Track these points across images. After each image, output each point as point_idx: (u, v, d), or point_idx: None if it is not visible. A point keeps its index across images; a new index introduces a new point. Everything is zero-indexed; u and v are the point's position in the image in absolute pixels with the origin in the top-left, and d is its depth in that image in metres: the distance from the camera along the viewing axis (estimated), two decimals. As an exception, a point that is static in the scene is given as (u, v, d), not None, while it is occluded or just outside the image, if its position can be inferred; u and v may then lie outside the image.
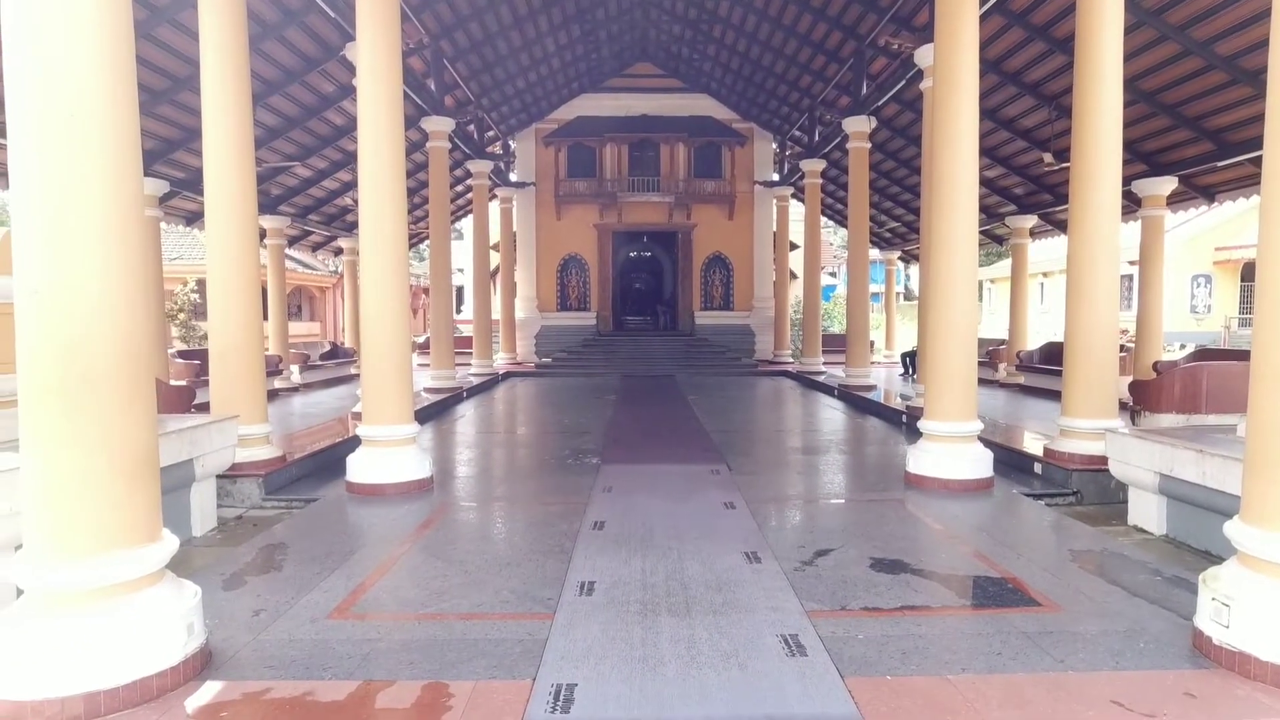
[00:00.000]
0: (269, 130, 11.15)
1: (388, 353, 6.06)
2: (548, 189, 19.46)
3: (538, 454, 7.92)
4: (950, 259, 6.13)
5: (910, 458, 6.38)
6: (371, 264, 6.02)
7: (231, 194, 6.01)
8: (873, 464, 7.41)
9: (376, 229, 5.99)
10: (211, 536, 5.07)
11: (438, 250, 12.65)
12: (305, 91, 10.84)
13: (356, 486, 5.96)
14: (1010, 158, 12.65)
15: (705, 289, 20.21)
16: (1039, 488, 6.20)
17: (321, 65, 9.89)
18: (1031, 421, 9.38)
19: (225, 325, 6.03)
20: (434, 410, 11.06)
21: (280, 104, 10.74)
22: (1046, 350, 12.89)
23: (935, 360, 6.28)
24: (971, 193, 6.10)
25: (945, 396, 6.19)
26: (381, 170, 5.97)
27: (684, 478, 6.51)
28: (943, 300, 6.19)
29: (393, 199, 6.03)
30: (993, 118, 11.40)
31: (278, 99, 10.56)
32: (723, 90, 19.13)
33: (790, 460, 7.48)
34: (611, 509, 5.46)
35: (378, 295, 6.02)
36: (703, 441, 8.36)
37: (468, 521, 5.20)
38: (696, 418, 10.27)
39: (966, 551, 4.47)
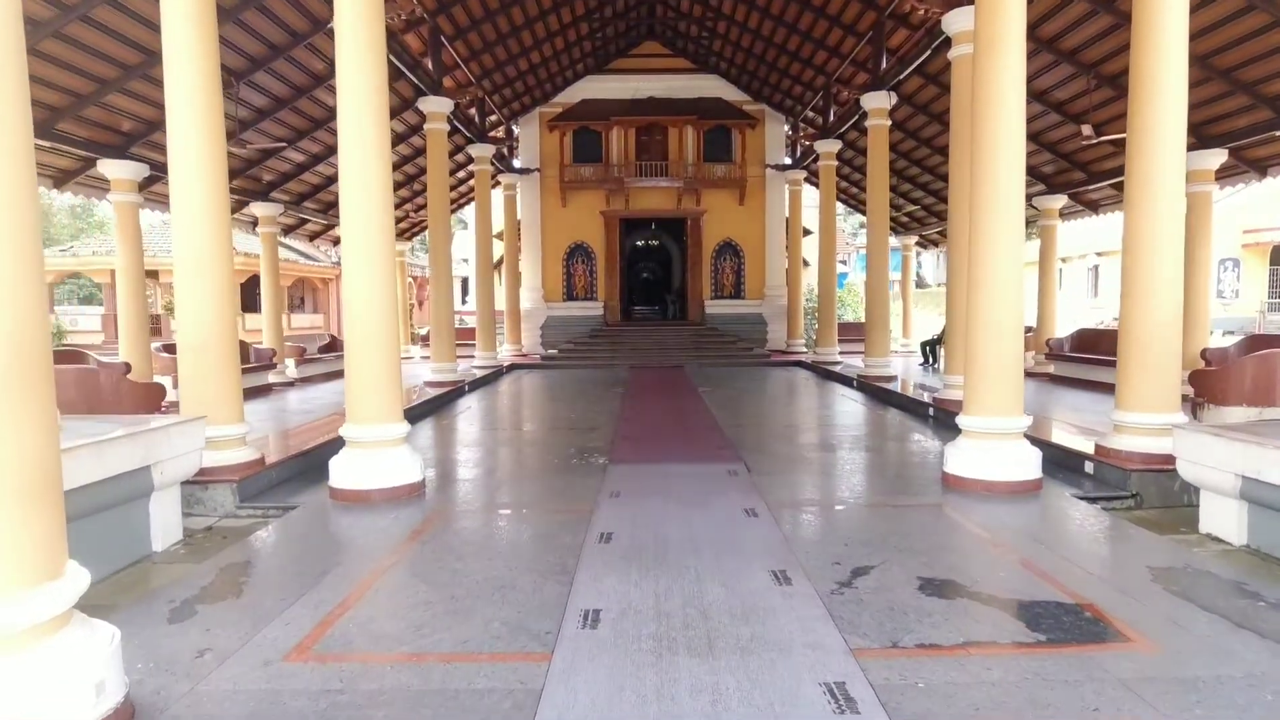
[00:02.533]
0: (257, 111, 10.59)
1: (373, 345, 5.52)
2: (553, 175, 18.87)
3: (540, 453, 7.38)
4: (994, 240, 5.52)
5: (948, 457, 5.80)
6: (354, 246, 5.47)
7: (200, 173, 5.45)
8: (903, 462, 6.83)
9: (358, 205, 5.44)
10: (174, 551, 4.55)
11: (437, 238, 12.10)
12: (294, 69, 10.28)
13: (340, 493, 5.43)
14: (1040, 133, 11.93)
15: (715, 277, 19.59)
16: (1091, 489, 5.60)
17: (308, 40, 9.33)
18: (1069, 413, 8.76)
19: (195, 317, 5.49)
20: (434, 405, 10.54)
21: (268, 82, 10.17)
22: (1078, 337, 12.24)
23: (976, 350, 5.68)
24: (1018, 164, 5.49)
25: (988, 390, 5.59)
26: (362, 140, 5.42)
27: (699, 479, 5.95)
28: (985, 285, 5.58)
29: (377, 173, 5.47)
30: (1022, 90, 10.69)
31: (265, 77, 9.99)
32: (733, 70, 18.45)
33: (813, 458, 6.91)
34: (620, 517, 4.91)
35: (361, 280, 5.47)
36: (717, 438, 7.80)
37: (460, 533, 4.66)
38: (709, 411, 9.71)
39: (1026, 568, 3.90)
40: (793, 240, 19.16)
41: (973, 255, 5.68)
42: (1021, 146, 5.48)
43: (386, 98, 5.62)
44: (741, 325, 19.08)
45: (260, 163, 11.78)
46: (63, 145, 8.86)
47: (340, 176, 5.49)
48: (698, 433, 8.15)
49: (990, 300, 5.54)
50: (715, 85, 18.97)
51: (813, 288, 24.70)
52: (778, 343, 19.21)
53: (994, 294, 5.52)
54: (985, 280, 5.57)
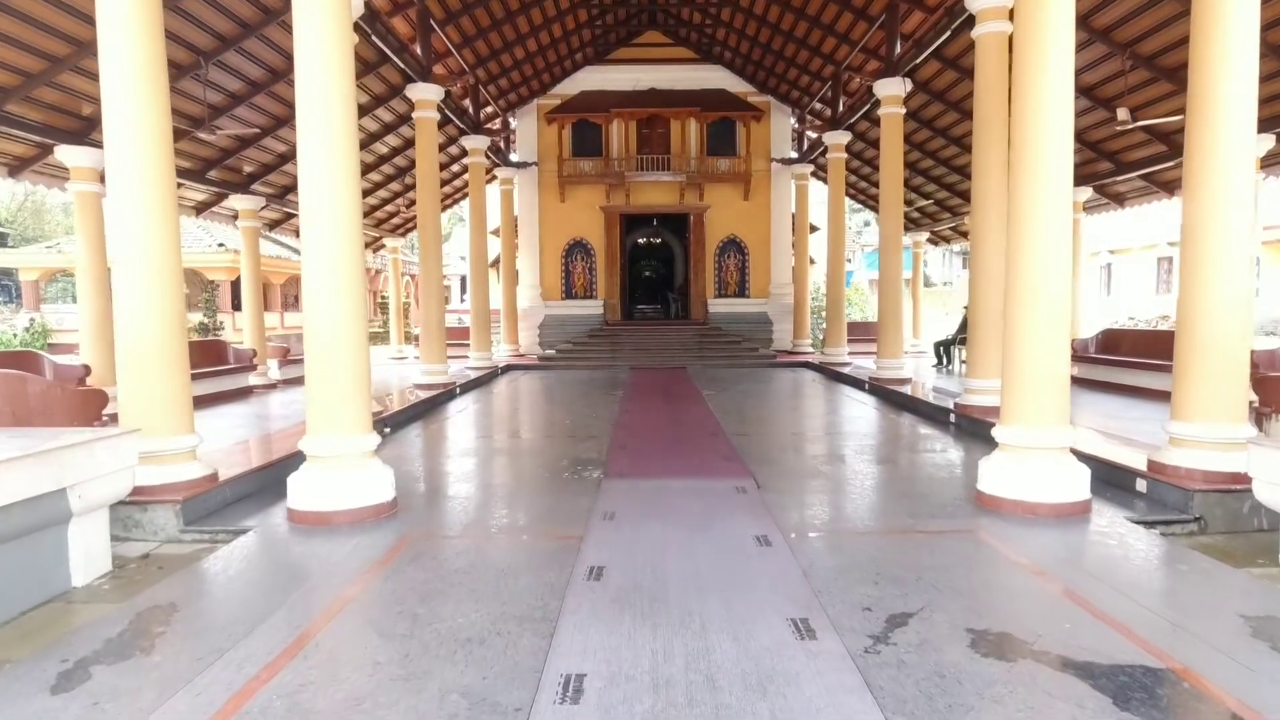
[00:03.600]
0: (231, 96, 9.94)
1: (337, 346, 4.90)
2: (551, 169, 18.24)
3: (529, 464, 6.75)
4: (1037, 231, 4.87)
5: (982, 473, 5.17)
6: (315, 234, 4.85)
7: (143, 154, 4.84)
8: (927, 477, 6.20)
9: (319, 189, 4.83)
10: (97, 587, 3.94)
11: (426, 233, 11.48)
12: (269, 50, 9.62)
13: (298, 515, 4.81)
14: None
15: (719, 275, 18.95)
16: (1146, 511, 4.96)
17: (282, 17, 8.68)
18: (1101, 421, 8.11)
19: (136, 317, 4.88)
20: (421, 409, 9.93)
21: (240, 64, 9.47)
22: (1105, 338, 11.58)
23: (1017, 354, 5.04)
24: (1066, 145, 4.84)
25: (1030, 399, 4.95)
26: (324, 110, 4.80)
27: (703, 497, 5.33)
28: (1026, 281, 4.94)
29: (341, 152, 4.85)
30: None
31: (237, 58, 9.31)
32: (737, 60, 17.81)
33: (828, 472, 6.28)
34: (614, 545, 4.29)
35: (323, 274, 4.86)
36: (722, 447, 7.17)
37: (428, 566, 4.04)
38: (713, 417, 9.08)
39: (1095, 615, 3.27)
40: (799, 237, 18.52)
41: (1013, 248, 5.04)
42: (1070, 124, 4.84)
43: (351, 66, 5.01)
44: (746, 325, 18.44)
45: (238, 152, 11.16)
46: (14, 130, 8.23)
47: (299, 155, 4.87)
48: (701, 442, 7.53)
49: (1033, 298, 4.90)
50: (719, 76, 18.34)
51: (818, 286, 24.08)
52: (783, 343, 18.57)
53: (1038, 291, 4.88)
54: (1027, 276, 4.93)
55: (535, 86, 17.73)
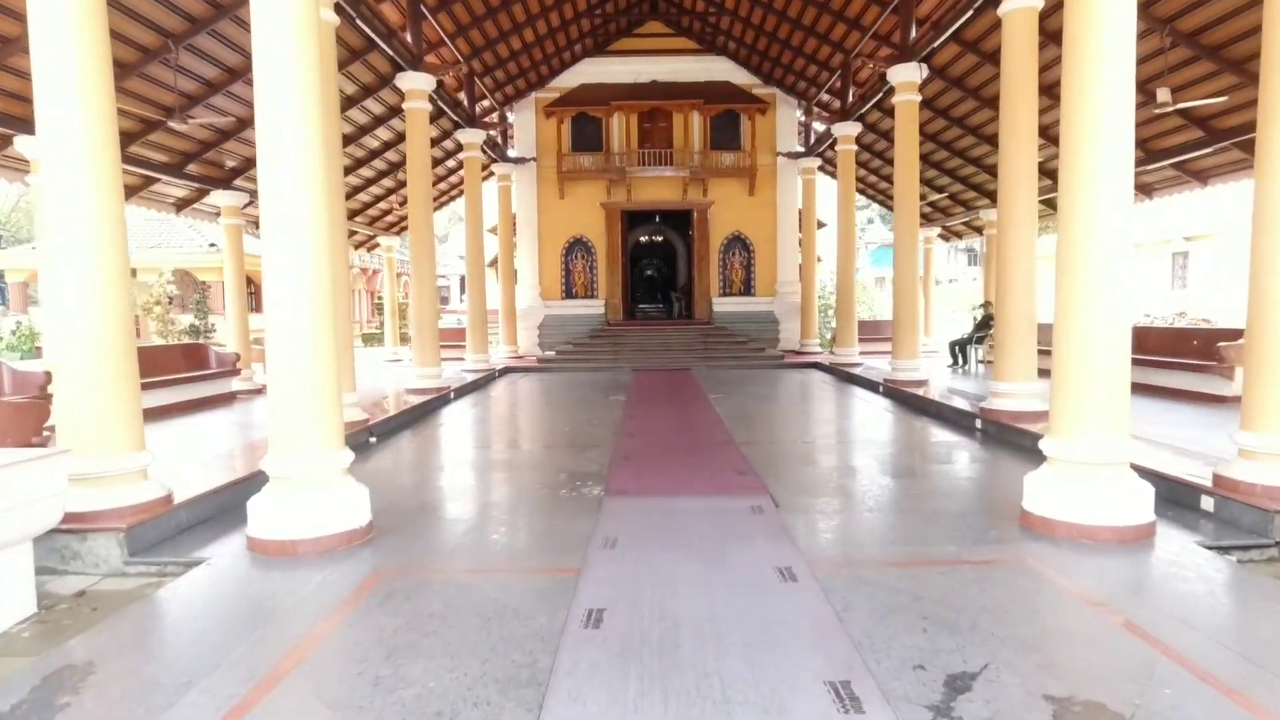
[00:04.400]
0: (206, 84, 9.35)
1: (303, 352, 4.34)
2: (550, 165, 17.68)
3: (525, 479, 6.19)
4: (1094, 221, 4.30)
5: (1029, 491, 4.61)
6: (275, 218, 4.31)
7: (77, 130, 4.29)
8: (961, 492, 5.62)
9: (281, 166, 4.28)
10: (17, 634, 3.39)
11: (418, 229, 10.92)
12: (244, 34, 9.01)
13: (259, 544, 4.26)
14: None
15: (724, 273, 18.38)
16: (1215, 534, 4.40)
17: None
18: (1138, 427, 7.51)
19: (73, 319, 4.33)
20: (411, 417, 9.37)
21: (214, 49, 8.86)
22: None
23: (1069, 356, 4.47)
24: (1127, 116, 4.27)
25: (1086, 408, 4.38)
26: (284, 73, 4.24)
27: (715, 519, 4.77)
28: (1082, 277, 4.37)
29: (308, 130, 4.30)
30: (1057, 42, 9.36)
31: (211, 43, 8.69)
32: (742, 51, 17.23)
33: (850, 488, 5.71)
34: (616, 581, 3.73)
35: (285, 268, 4.31)
36: (733, 459, 6.61)
37: (400, 609, 3.48)
38: (722, 423, 8.51)
39: (1199, 678, 2.70)
40: (806, 233, 17.91)
41: (1066, 240, 4.46)
42: (1133, 98, 4.27)
43: (315, 23, 4.43)
44: (752, 324, 17.87)
45: (218, 145, 10.60)
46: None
47: (257, 133, 4.32)
48: (710, 452, 6.96)
49: (1091, 295, 4.33)
50: (723, 67, 17.76)
51: (825, 284, 23.51)
52: (790, 342, 17.99)
53: (1096, 286, 4.31)
54: (1083, 270, 4.36)
55: (533, 79, 17.17)
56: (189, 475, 5.55)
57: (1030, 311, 7.70)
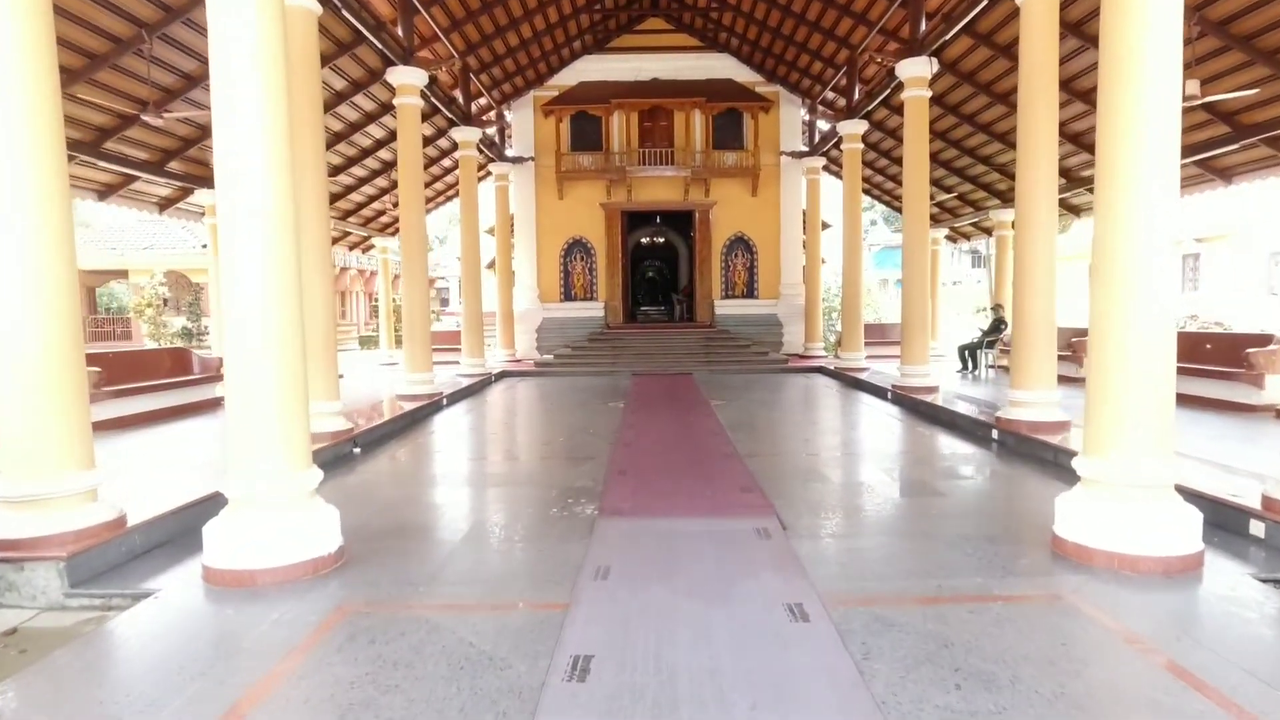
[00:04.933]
0: (185, 77, 8.94)
1: (266, 363, 3.95)
2: (548, 164, 17.30)
3: (514, 497, 5.79)
4: (1135, 221, 3.91)
5: (1062, 514, 4.20)
6: (231, 214, 3.91)
7: (12, 112, 3.90)
8: (984, 514, 5.21)
9: (241, 149, 3.89)
10: (-75, 685, 2.99)
11: (409, 228, 10.54)
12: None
13: (215, 574, 3.86)
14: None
15: (726, 275, 17.98)
16: (1265, 564, 3.99)
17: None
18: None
19: (11, 330, 3.93)
20: (399, 425, 8.97)
21: (192, 40, 8.40)
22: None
23: (1109, 370, 4.07)
24: (1173, 115, 3.89)
25: (1127, 424, 3.98)
26: (251, 69, 3.85)
27: (718, 543, 4.36)
28: (1121, 281, 3.97)
29: (275, 97, 3.91)
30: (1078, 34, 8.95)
31: (187, 33, 8.26)
32: (744, 48, 16.85)
33: (863, 507, 5.30)
34: (606, 621, 3.33)
35: (246, 266, 3.92)
36: (737, 473, 6.20)
37: (360, 655, 3.08)
38: (724, 433, 8.11)
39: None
40: (810, 234, 17.51)
41: (1104, 242, 4.06)
42: (1180, 71, 3.88)
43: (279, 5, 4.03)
44: (755, 327, 17.47)
45: (201, 142, 10.22)
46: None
47: (213, 118, 3.93)
48: (712, 465, 6.56)
49: (1132, 300, 3.93)
50: (725, 65, 17.38)
51: (829, 286, 23.12)
52: (794, 346, 17.59)
53: (1138, 291, 3.92)
54: (1122, 269, 3.96)
55: (531, 76, 16.80)
56: (152, 492, 5.16)
57: (1050, 316, 7.30)
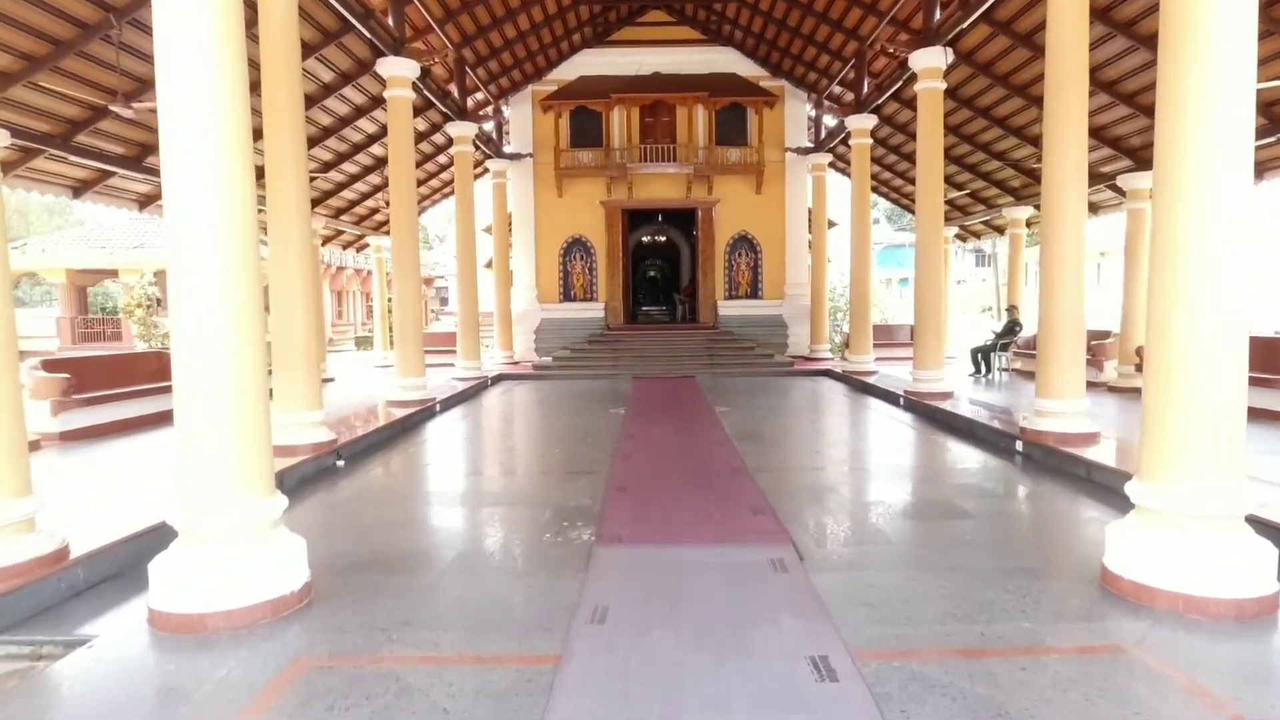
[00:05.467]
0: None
1: (220, 378, 3.49)
2: (547, 161, 16.85)
3: (504, 519, 5.33)
4: (1199, 216, 3.46)
5: (1114, 547, 3.75)
6: (184, 210, 3.45)
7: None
8: (1019, 539, 4.74)
9: (187, 136, 3.43)
10: None
11: (399, 226, 10.09)
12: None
13: (160, 617, 3.40)
14: (1136, 95, 9.73)
15: (729, 274, 17.52)
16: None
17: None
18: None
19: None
20: (387, 434, 8.52)
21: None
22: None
23: (1166, 379, 3.61)
24: (1246, 84, 3.43)
25: (1193, 447, 3.52)
26: (199, 41, 3.39)
27: (728, 579, 3.91)
28: (1179, 277, 3.53)
29: (230, 73, 3.45)
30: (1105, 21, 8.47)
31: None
32: (748, 40, 16.39)
33: (886, 533, 4.83)
34: (602, 679, 2.88)
35: (198, 266, 3.46)
36: (746, 491, 5.75)
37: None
38: (731, 444, 7.65)
39: None
40: (816, 232, 17.05)
41: (1163, 231, 3.61)
42: (1255, 39, 3.44)
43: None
44: (759, 329, 17.01)
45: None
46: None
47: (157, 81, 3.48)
48: (719, 481, 6.10)
49: (1196, 299, 3.48)
50: (728, 59, 16.91)
51: (834, 286, 22.63)
52: (800, 348, 17.13)
53: (1204, 288, 3.46)
54: (1186, 267, 3.51)
55: (529, 70, 16.34)
56: (108, 514, 4.72)
57: (1078, 318, 6.85)
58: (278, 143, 6.69)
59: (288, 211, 6.74)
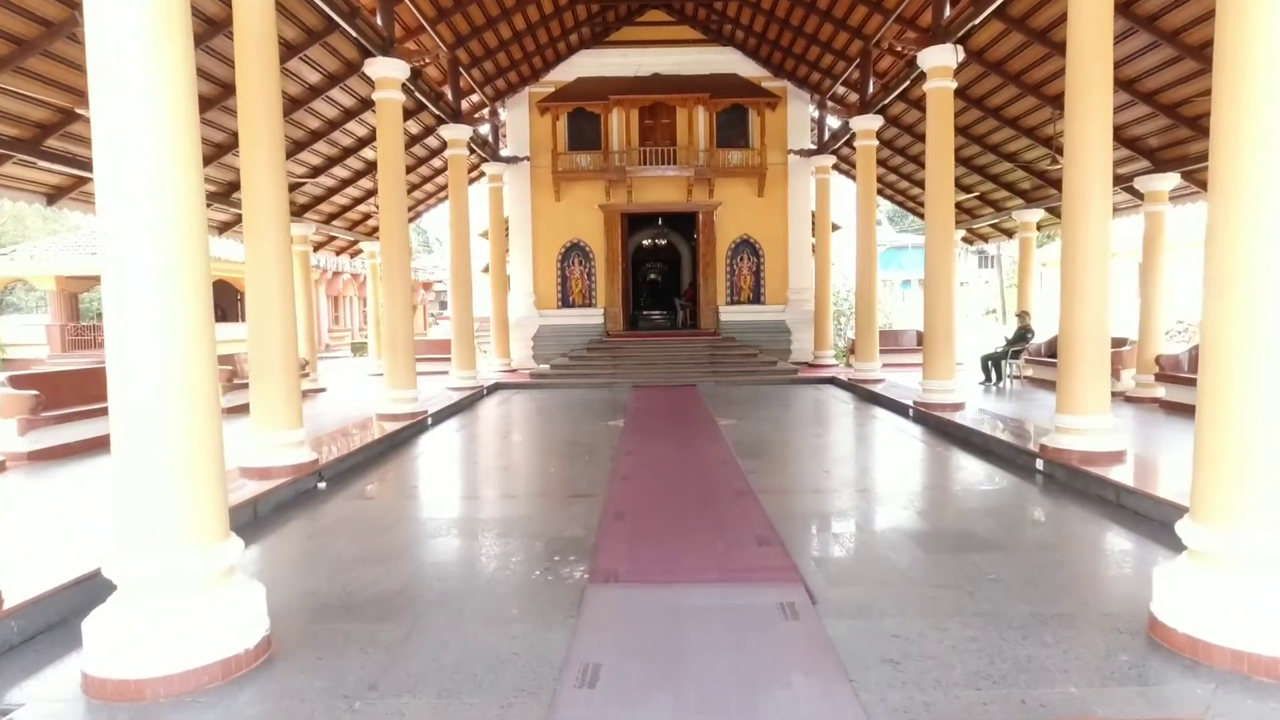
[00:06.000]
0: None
1: (164, 408, 3.11)
2: (544, 164, 16.49)
3: (489, 553, 4.94)
4: (1261, 210, 3.08)
5: (1163, 594, 3.36)
6: (111, 208, 3.08)
7: None
8: (1051, 579, 4.30)
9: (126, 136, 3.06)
10: None
11: (389, 232, 9.73)
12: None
13: (94, 683, 3.02)
14: (1155, 94, 9.32)
15: (731, 279, 17.14)
16: None
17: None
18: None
19: None
20: (373, 451, 8.13)
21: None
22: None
23: (1225, 402, 3.23)
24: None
25: (1252, 480, 3.14)
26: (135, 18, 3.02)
27: (733, 626, 3.52)
28: (1237, 284, 3.16)
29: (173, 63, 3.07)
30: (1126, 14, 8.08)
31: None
32: (750, 40, 16.03)
33: (905, 569, 4.42)
34: (589, 767, 2.49)
35: (134, 291, 3.08)
36: (751, 517, 5.36)
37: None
38: (735, 462, 7.26)
39: None
40: (820, 236, 16.66)
41: (1220, 233, 3.23)
42: None
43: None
44: (762, 335, 16.62)
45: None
46: None
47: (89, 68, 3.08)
48: (723, 506, 5.71)
49: (1262, 310, 3.10)
50: (729, 59, 16.55)
51: (837, 290, 22.24)
52: (803, 354, 16.74)
53: (1272, 296, 3.08)
54: (1247, 274, 3.13)
55: (526, 72, 15.98)
56: (61, 553, 4.34)
57: (1102, 328, 6.46)
58: (254, 146, 6.34)
59: (265, 217, 6.37)
